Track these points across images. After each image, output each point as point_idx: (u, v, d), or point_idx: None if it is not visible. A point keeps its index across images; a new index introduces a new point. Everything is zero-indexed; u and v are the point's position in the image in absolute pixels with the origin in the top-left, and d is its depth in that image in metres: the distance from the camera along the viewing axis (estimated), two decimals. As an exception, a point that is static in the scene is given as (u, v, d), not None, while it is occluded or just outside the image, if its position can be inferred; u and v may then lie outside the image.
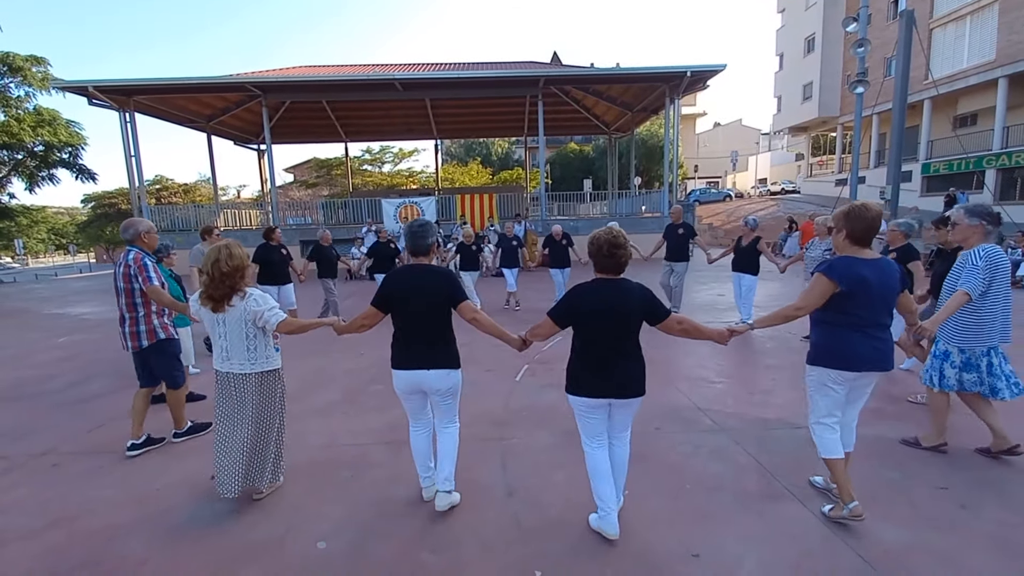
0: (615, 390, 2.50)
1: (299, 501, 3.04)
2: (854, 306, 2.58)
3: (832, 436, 2.75)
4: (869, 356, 2.62)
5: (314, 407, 4.63)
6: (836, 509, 2.76)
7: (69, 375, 6.03)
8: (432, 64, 20.50)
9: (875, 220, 2.60)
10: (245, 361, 2.92)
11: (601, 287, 2.50)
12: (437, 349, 2.75)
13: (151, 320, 3.81)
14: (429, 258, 2.85)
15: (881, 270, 2.60)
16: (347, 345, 6.96)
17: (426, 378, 2.74)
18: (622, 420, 2.65)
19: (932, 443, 3.44)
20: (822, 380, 2.73)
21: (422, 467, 2.99)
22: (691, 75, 16.40)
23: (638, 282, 2.57)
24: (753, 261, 7.22)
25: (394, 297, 2.75)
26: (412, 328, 2.75)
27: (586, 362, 2.53)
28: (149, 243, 3.89)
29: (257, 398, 2.96)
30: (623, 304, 2.45)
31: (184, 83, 16.54)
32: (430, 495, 2.96)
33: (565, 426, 3.97)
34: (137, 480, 3.38)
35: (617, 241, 2.47)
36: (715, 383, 5.04)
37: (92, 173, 22.48)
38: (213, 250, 2.86)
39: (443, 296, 2.71)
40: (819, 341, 2.74)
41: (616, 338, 2.48)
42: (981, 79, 21.33)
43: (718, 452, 3.53)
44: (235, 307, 2.86)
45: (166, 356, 3.88)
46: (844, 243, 2.67)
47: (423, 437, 2.97)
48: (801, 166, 39.69)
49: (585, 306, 2.49)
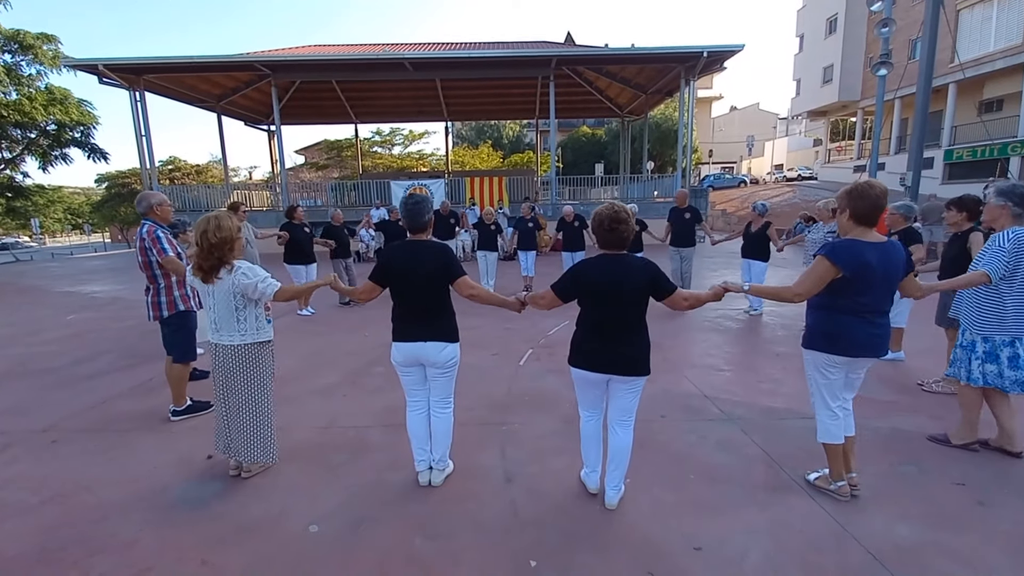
0: (616, 366, 2.49)
1: (293, 483, 2.99)
2: (855, 292, 2.48)
3: (834, 423, 2.69)
4: (864, 342, 2.54)
5: (314, 388, 4.58)
6: (822, 480, 2.80)
7: (75, 352, 6.04)
8: (443, 44, 20.18)
9: (879, 198, 2.48)
10: (235, 332, 2.87)
11: (605, 262, 2.48)
12: (435, 322, 2.75)
13: (172, 292, 3.90)
14: (427, 233, 2.81)
15: (886, 253, 2.49)
16: (351, 325, 6.96)
17: (423, 350, 2.73)
18: (624, 403, 2.59)
19: (963, 440, 3.27)
20: (817, 364, 2.67)
21: (417, 448, 2.94)
22: (708, 56, 15.95)
23: (643, 256, 2.50)
24: (763, 247, 7.06)
25: (392, 272, 2.73)
26: (410, 302, 2.75)
27: (588, 335, 2.53)
28: (162, 215, 3.93)
29: (245, 370, 2.91)
30: (627, 279, 2.42)
31: (193, 61, 16.42)
32: (424, 479, 2.93)
33: (567, 412, 3.89)
34: (133, 459, 3.35)
35: (618, 216, 2.44)
36: (723, 371, 4.92)
37: (104, 152, 22.64)
38: (202, 220, 2.81)
39: (440, 271, 2.69)
40: (815, 324, 2.66)
41: (620, 313, 2.46)
42: (1008, 63, 20.57)
43: (725, 442, 3.43)
44: (223, 280, 2.79)
45: (179, 328, 3.92)
46: (848, 223, 2.56)
47: (419, 417, 2.92)
48: (819, 152, 38.87)
49: (588, 280, 2.48)
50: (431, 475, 2.93)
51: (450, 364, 2.81)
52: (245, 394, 2.93)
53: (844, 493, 2.71)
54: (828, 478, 2.78)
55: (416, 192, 2.89)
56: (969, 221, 3.84)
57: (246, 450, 2.96)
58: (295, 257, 7.47)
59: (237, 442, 2.96)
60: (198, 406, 3.98)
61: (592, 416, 2.74)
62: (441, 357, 2.75)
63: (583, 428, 2.77)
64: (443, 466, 2.96)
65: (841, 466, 2.72)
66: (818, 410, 2.72)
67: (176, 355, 3.87)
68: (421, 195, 2.82)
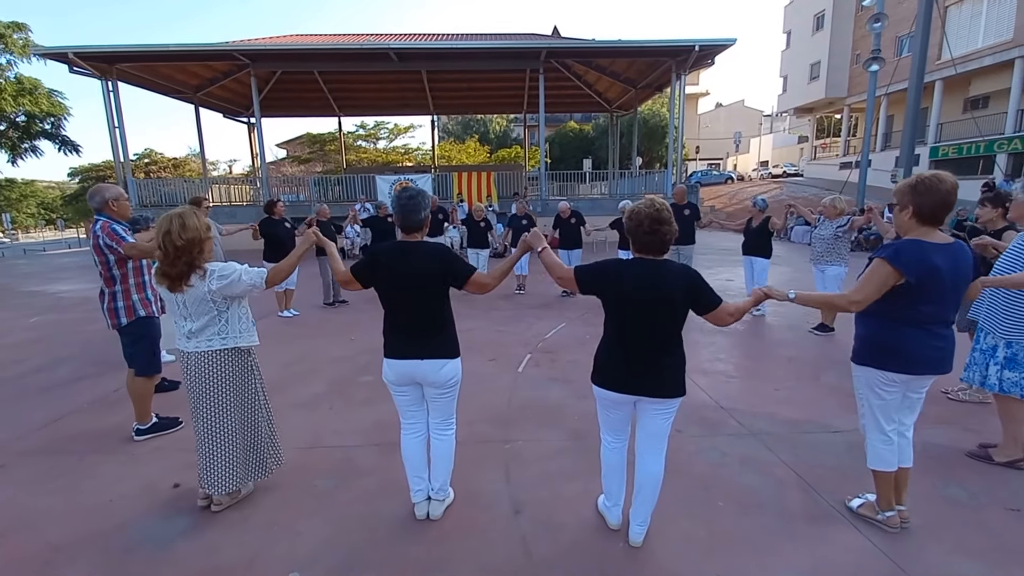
0: (646, 387, 2.18)
1: (271, 518, 2.62)
2: (920, 300, 2.16)
3: (888, 448, 2.38)
4: (927, 357, 2.23)
5: (297, 400, 4.20)
6: (867, 508, 2.52)
7: (35, 359, 5.57)
8: (429, 34, 19.67)
9: (949, 194, 2.16)
10: (215, 336, 2.51)
11: (642, 267, 2.15)
12: (432, 336, 2.40)
13: (130, 296, 3.46)
14: (422, 233, 2.44)
15: (955, 257, 2.17)
16: (337, 328, 6.56)
17: (419, 368, 2.38)
18: (655, 427, 2.27)
19: (1009, 457, 3.00)
20: (871, 382, 2.34)
21: (413, 477, 2.58)
22: (699, 49, 15.67)
23: (683, 264, 2.18)
24: (765, 243, 6.80)
25: (379, 276, 2.38)
26: (403, 313, 2.40)
27: (616, 350, 2.22)
28: (119, 211, 3.47)
29: (234, 378, 2.56)
30: (665, 287, 2.09)
31: (168, 50, 15.71)
32: (422, 512, 2.57)
33: (575, 426, 3.58)
34: (89, 488, 2.95)
35: (661, 216, 2.10)
36: (734, 378, 4.64)
37: (76, 145, 21.74)
38: (163, 219, 2.41)
39: (438, 278, 2.34)
40: (870, 336, 2.33)
41: (654, 326, 2.13)
42: (996, 60, 20.66)
43: (750, 461, 3.13)
44: (195, 287, 2.41)
45: (140, 337, 3.48)
46: (909, 223, 2.23)
47: (416, 442, 2.57)
48: (804, 148, 39.05)
49: (619, 284, 2.14)
50: (430, 507, 2.58)
51: (451, 383, 2.46)
52: (246, 404, 2.57)
53: (894, 524, 2.42)
54: (875, 506, 2.49)
55: (409, 185, 2.53)
56: (1004, 218, 3.59)
57: (219, 478, 2.58)
58: (275, 254, 7.03)
59: (209, 469, 2.58)
60: (165, 423, 3.59)
61: (616, 442, 2.42)
62: (440, 376, 2.40)
63: (605, 456, 2.46)
64: (443, 496, 2.62)
65: (891, 494, 2.44)
66: (869, 433, 2.42)
67: (138, 367, 3.45)
68: (416, 188, 2.46)
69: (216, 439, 2.56)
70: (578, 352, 5.15)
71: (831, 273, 5.82)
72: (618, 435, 2.41)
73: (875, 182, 20.51)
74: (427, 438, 2.59)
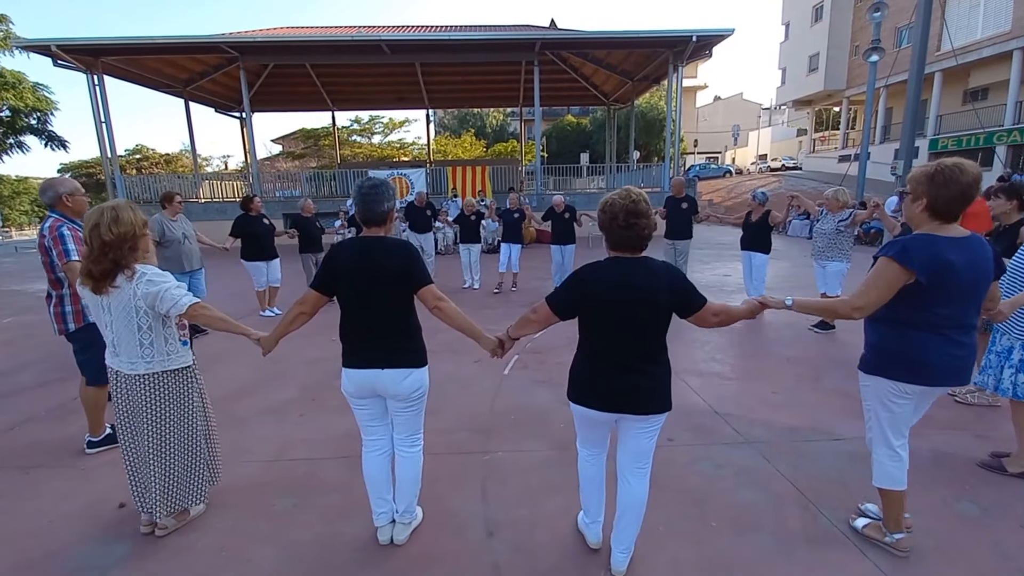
0: (629, 403, 1.94)
1: (222, 542, 2.39)
2: (934, 301, 1.93)
3: (896, 465, 2.16)
4: (946, 367, 2.00)
5: (265, 405, 3.96)
6: (873, 529, 2.30)
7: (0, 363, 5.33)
8: (422, 26, 19.33)
9: (970, 187, 1.91)
10: (138, 359, 2.25)
11: (617, 268, 1.91)
12: (393, 342, 2.16)
13: (79, 300, 3.10)
14: (385, 228, 2.19)
15: (972, 252, 1.93)
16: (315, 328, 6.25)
17: (379, 379, 2.15)
18: (638, 446, 2.04)
19: (1022, 468, 2.79)
20: (881, 394, 2.11)
21: (376, 498, 2.35)
22: (697, 40, 15.38)
23: (663, 261, 1.93)
24: (764, 238, 6.56)
25: (339, 277, 2.13)
26: (362, 316, 2.16)
27: (593, 363, 1.98)
28: (74, 207, 3.15)
29: (156, 406, 2.30)
30: (646, 290, 1.85)
31: (155, 43, 15.35)
32: (385, 536, 2.34)
33: (560, 436, 3.35)
34: (31, 507, 2.72)
35: (638, 208, 1.85)
36: (730, 379, 4.42)
37: (63, 140, 21.34)
38: (94, 212, 2.16)
39: (399, 276, 2.10)
40: (881, 343, 2.09)
41: (635, 334, 1.90)
42: (995, 51, 20.43)
43: (746, 473, 2.90)
44: (121, 289, 2.17)
45: (89, 344, 3.16)
46: (921, 216, 1.99)
47: (379, 460, 2.33)
48: (803, 142, 38.73)
49: (595, 292, 1.89)
50: (393, 530, 2.35)
51: (415, 396, 2.22)
52: (155, 436, 2.31)
53: (903, 548, 2.20)
54: (882, 528, 2.27)
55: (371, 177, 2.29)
56: (1020, 211, 3.35)
57: (158, 502, 2.35)
58: (253, 253, 6.74)
59: (146, 493, 2.35)
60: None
61: (593, 455, 2.22)
62: (403, 388, 2.16)
63: (582, 469, 2.25)
64: (409, 518, 2.39)
65: (901, 515, 2.21)
66: (876, 448, 2.20)
67: (89, 376, 3.20)
68: (378, 179, 2.21)
69: (149, 461, 2.32)
70: (568, 353, 4.82)
71: (832, 269, 5.59)
72: (596, 448, 2.21)
73: (874, 175, 20.27)
74: (392, 455, 2.36)
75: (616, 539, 2.13)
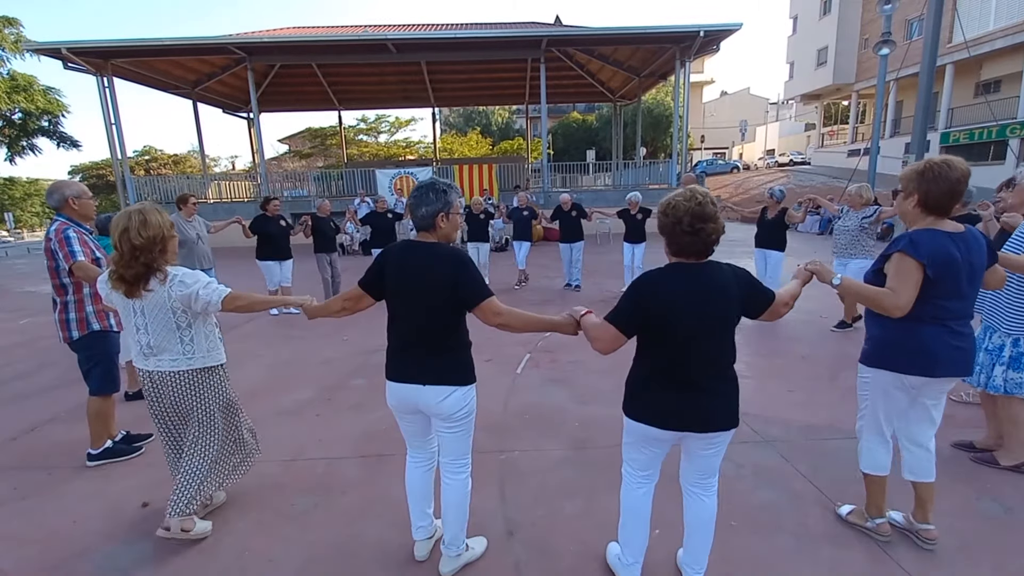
0: (698, 422, 1.77)
1: (243, 543, 2.41)
2: (938, 294, 1.97)
3: (885, 450, 2.24)
4: (948, 357, 2.03)
5: (282, 407, 3.99)
6: (856, 515, 2.38)
7: (20, 364, 5.40)
8: (428, 25, 19.33)
9: (959, 183, 1.96)
10: (180, 356, 2.30)
11: (681, 276, 1.74)
12: (435, 358, 1.98)
13: (84, 307, 3.10)
14: (436, 234, 2.00)
15: (968, 245, 1.99)
16: (330, 328, 6.33)
17: (420, 395, 1.99)
18: (706, 465, 1.92)
19: (1014, 461, 2.82)
20: (882, 386, 2.15)
21: (416, 512, 2.22)
22: (704, 35, 15.29)
23: (727, 263, 1.80)
24: (779, 236, 6.50)
25: (384, 280, 2.01)
26: (404, 327, 2.01)
27: (657, 378, 1.80)
28: (80, 210, 3.13)
29: (201, 401, 2.36)
30: (716, 299, 1.71)
31: (164, 45, 15.46)
32: (422, 552, 2.24)
33: (576, 435, 3.35)
34: (53, 508, 2.75)
35: (704, 211, 1.67)
36: (747, 377, 4.35)
37: (75, 141, 21.56)
38: (121, 216, 2.19)
39: (444, 289, 1.91)
40: (885, 336, 2.12)
41: (705, 347, 1.74)
42: (1008, 42, 20.13)
43: (766, 472, 2.90)
44: (155, 292, 2.20)
45: (96, 353, 3.15)
46: (914, 212, 2.04)
47: (421, 473, 2.21)
48: (811, 136, 38.44)
49: (660, 302, 1.71)
50: (441, 562, 2.16)
51: (459, 416, 2.02)
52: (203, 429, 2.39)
53: (883, 532, 2.28)
54: (863, 513, 2.35)
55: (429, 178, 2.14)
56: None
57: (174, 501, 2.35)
58: (268, 252, 6.84)
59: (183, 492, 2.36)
60: (120, 449, 3.26)
61: (642, 480, 1.99)
62: (444, 407, 1.98)
63: (626, 496, 2.01)
64: (456, 550, 2.15)
65: (883, 501, 2.30)
66: (866, 433, 2.26)
67: (92, 386, 3.15)
68: (431, 180, 2.02)
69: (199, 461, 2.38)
70: (580, 351, 4.90)
71: (854, 267, 5.47)
72: (647, 471, 1.98)
73: (884, 169, 20.08)
74: (435, 469, 2.25)
75: (687, 560, 2.04)
